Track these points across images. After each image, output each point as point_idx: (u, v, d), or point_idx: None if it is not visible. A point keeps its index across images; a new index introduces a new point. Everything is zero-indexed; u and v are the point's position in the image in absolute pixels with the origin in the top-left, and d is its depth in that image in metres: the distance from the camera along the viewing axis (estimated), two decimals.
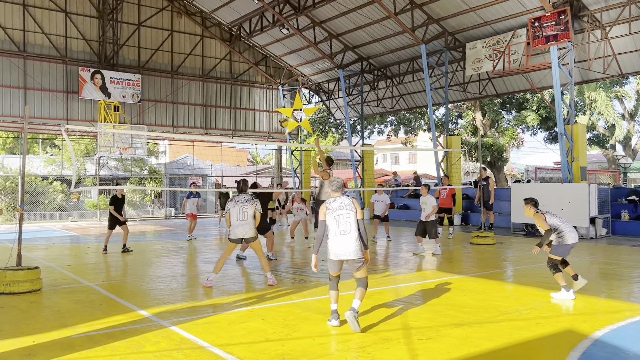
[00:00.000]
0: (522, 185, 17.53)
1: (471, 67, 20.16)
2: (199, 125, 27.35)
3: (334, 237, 5.81)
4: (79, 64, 23.78)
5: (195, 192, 16.28)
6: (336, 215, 5.81)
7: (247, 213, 8.23)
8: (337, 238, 5.78)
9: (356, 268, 5.78)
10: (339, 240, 5.77)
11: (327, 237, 5.89)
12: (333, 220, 5.82)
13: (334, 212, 5.82)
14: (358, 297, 5.77)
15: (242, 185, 8.63)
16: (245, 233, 8.22)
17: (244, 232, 8.21)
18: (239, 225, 8.21)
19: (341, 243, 5.75)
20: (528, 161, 51.18)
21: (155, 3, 26.02)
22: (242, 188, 8.59)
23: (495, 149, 32.32)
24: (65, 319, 6.25)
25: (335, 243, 5.79)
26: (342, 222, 5.77)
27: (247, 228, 8.21)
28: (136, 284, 8.71)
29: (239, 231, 8.22)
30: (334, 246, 5.80)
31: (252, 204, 8.31)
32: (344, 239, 5.73)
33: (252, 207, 8.27)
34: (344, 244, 5.73)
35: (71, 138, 29.02)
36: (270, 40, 26.59)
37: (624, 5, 16.46)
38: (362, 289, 5.81)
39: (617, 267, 9.91)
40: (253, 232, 8.28)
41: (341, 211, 5.81)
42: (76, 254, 12.82)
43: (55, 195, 28.48)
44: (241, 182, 8.66)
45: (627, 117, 35.33)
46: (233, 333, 5.64)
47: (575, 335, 5.53)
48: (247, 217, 8.23)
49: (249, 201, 8.31)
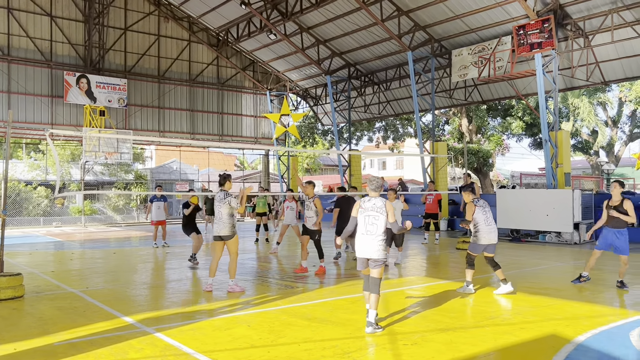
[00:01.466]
0: (507, 191, 17.68)
1: (457, 73, 20.34)
2: (186, 130, 27.25)
3: (360, 236, 6.03)
4: (64, 68, 23.59)
5: (160, 196, 15.01)
6: (366, 215, 6.02)
7: (221, 212, 8.19)
8: (363, 237, 5.99)
9: (373, 266, 5.97)
10: (364, 240, 5.99)
11: (356, 235, 6.13)
12: (362, 220, 6.04)
13: (365, 212, 6.03)
14: (372, 306, 5.90)
15: (221, 179, 8.47)
16: (220, 230, 8.18)
17: (218, 230, 8.21)
18: (216, 223, 8.29)
19: (366, 242, 5.97)
20: (513, 167, 51.73)
21: (142, 8, 25.93)
22: (221, 182, 8.43)
23: (481, 155, 32.58)
24: (47, 326, 6.17)
25: (361, 241, 6.02)
26: (370, 223, 5.97)
27: (221, 226, 8.17)
28: (121, 290, 8.63)
29: (216, 228, 8.26)
30: (359, 244, 6.04)
31: (225, 202, 8.15)
32: (369, 239, 5.95)
33: (225, 206, 8.15)
34: (368, 244, 5.95)
35: (56, 143, 28.74)
36: (258, 46, 26.61)
37: (606, 14, 16.74)
38: (375, 296, 5.90)
39: (600, 272, 10.02)
40: (228, 230, 8.17)
41: (372, 212, 6.00)
42: (60, 260, 12.67)
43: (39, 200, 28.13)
44: (220, 177, 8.53)
45: (609, 124, 35.85)
46: (218, 339, 5.60)
47: (558, 339, 5.58)
48: (222, 215, 8.17)
49: (223, 199, 8.20)
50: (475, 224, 7.85)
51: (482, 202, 7.99)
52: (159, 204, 14.80)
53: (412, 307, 7.09)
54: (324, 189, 41.11)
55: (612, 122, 35.95)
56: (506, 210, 16.47)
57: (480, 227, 7.82)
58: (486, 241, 7.82)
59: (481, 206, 7.91)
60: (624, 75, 19.15)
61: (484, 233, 7.81)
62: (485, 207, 7.96)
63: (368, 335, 5.72)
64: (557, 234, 15.65)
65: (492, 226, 7.91)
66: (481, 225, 7.82)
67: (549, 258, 12.36)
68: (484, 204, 8.00)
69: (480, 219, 7.83)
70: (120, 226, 25.36)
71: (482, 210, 7.87)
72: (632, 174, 36.51)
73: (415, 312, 6.80)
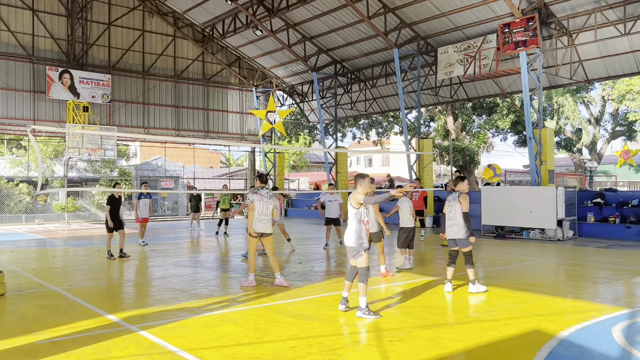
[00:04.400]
0: (492, 188, 17.82)
1: (443, 71, 20.43)
2: (170, 126, 27.03)
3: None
4: (46, 63, 23.24)
5: (146, 193, 14.98)
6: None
7: (269, 209, 8.24)
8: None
9: (352, 255, 6.55)
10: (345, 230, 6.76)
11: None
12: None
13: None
14: (361, 293, 6.41)
15: (265, 177, 8.65)
16: (266, 228, 8.23)
17: (263, 227, 8.20)
18: (261, 220, 8.19)
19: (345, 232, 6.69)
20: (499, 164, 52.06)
21: (127, 2, 25.63)
22: (265, 180, 8.55)
23: (467, 153, 32.80)
24: (29, 325, 6.07)
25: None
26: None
27: (267, 224, 8.24)
28: (104, 288, 8.53)
29: (260, 226, 8.19)
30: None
31: (273, 200, 8.35)
32: (347, 229, 6.62)
33: (272, 203, 8.32)
34: (346, 233, 6.60)
35: (39, 139, 28.33)
36: (244, 42, 26.46)
37: (589, 13, 16.92)
38: (362, 284, 6.41)
39: (583, 268, 10.15)
40: (270, 228, 8.33)
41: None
42: (43, 257, 12.49)
43: (21, 197, 27.71)
44: (263, 176, 8.69)
45: (592, 122, 36.32)
46: (203, 337, 5.56)
47: (542, 335, 5.64)
48: (269, 212, 8.26)
49: (271, 197, 8.32)
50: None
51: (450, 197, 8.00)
52: (146, 201, 14.72)
53: (397, 304, 7.12)
54: (310, 186, 41.10)
55: (595, 120, 36.43)
56: (491, 207, 16.60)
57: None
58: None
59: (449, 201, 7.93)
60: (607, 74, 19.39)
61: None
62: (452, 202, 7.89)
63: (346, 335, 5.70)
64: (541, 230, 15.82)
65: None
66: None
67: (533, 254, 12.49)
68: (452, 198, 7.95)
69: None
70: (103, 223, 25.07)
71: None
72: (614, 171, 37.05)
73: (401, 309, 6.82)
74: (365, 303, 6.37)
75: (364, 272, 6.46)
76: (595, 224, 16.64)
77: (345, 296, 6.61)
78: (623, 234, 15.78)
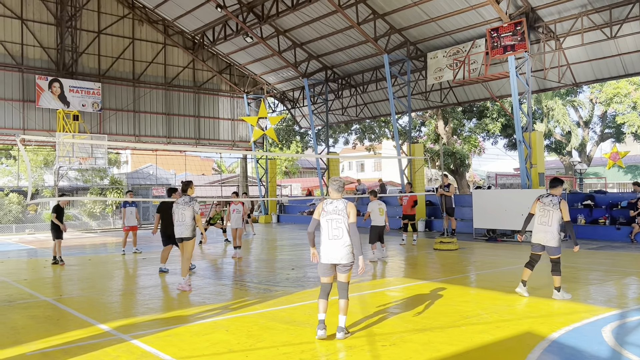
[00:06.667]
0: (483, 191, 17.92)
1: (432, 76, 20.56)
2: (161, 134, 26.97)
3: (327, 241, 5.79)
4: (36, 72, 23.14)
5: (131, 201, 15.03)
6: (329, 219, 5.78)
7: (185, 215, 8.76)
8: (330, 242, 5.76)
9: (342, 271, 5.76)
10: (331, 245, 5.75)
11: (321, 240, 5.86)
12: (326, 224, 5.80)
13: (327, 215, 5.79)
14: (342, 311, 5.73)
15: (184, 186, 9.08)
16: (182, 232, 8.79)
17: (181, 232, 8.79)
18: (178, 226, 8.82)
19: (333, 247, 5.74)
20: (490, 168, 52.44)
21: (116, 11, 25.60)
22: (184, 188, 9.03)
23: (458, 157, 32.96)
24: (20, 336, 6.03)
25: (328, 247, 5.77)
26: (335, 227, 5.75)
27: (183, 228, 8.79)
28: (96, 297, 8.49)
29: (178, 230, 8.81)
30: (326, 250, 5.78)
31: (190, 205, 8.79)
32: (336, 244, 5.73)
33: (189, 209, 8.77)
34: (335, 249, 5.73)
35: (29, 148, 28.16)
36: (234, 49, 26.50)
37: (576, 17, 17.11)
38: (344, 301, 5.74)
39: (574, 269, 10.23)
40: (190, 232, 8.79)
41: (334, 216, 5.77)
42: (33, 267, 12.40)
43: (11, 207, 27.49)
44: (184, 183, 9.13)
45: (582, 124, 36.65)
46: (196, 345, 5.55)
47: (533, 337, 5.68)
48: (186, 218, 8.77)
49: (187, 203, 8.81)
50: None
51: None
52: (132, 210, 14.77)
53: (390, 308, 7.13)
54: (302, 192, 41.11)
55: (584, 123, 36.76)
56: (482, 210, 16.68)
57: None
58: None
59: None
60: (594, 77, 19.60)
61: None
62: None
63: (339, 340, 5.62)
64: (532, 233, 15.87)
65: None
66: None
67: (524, 257, 12.48)
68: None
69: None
70: (95, 232, 24.94)
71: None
72: (604, 173, 37.39)
73: (393, 313, 6.84)
74: (345, 321, 5.77)
75: (348, 288, 5.84)
76: (585, 225, 16.75)
77: (322, 319, 5.72)
78: (613, 236, 15.91)
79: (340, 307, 5.74)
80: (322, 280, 5.87)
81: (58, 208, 12.75)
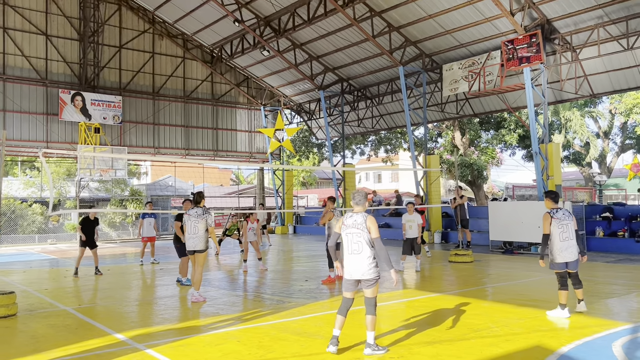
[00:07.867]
0: (499, 203, 17.84)
1: (448, 87, 20.60)
2: (180, 146, 27.38)
3: (347, 256, 5.75)
4: (59, 86, 23.74)
5: (150, 213, 15.45)
6: (348, 233, 5.75)
7: (198, 227, 8.76)
8: (350, 257, 5.71)
9: (367, 286, 5.66)
10: (352, 260, 5.70)
11: (342, 255, 5.84)
12: (345, 238, 5.77)
13: (347, 229, 5.76)
14: (369, 327, 5.64)
15: (197, 197, 9.07)
16: (196, 245, 8.76)
17: (194, 245, 8.77)
18: (190, 238, 8.80)
19: (354, 262, 5.67)
20: (509, 179, 51.85)
21: (137, 26, 26.19)
22: (197, 200, 9.01)
23: (476, 168, 32.79)
24: (40, 344, 6.23)
25: (349, 262, 5.72)
26: (354, 241, 5.68)
27: (196, 241, 8.76)
28: (113, 307, 8.69)
29: (191, 243, 8.78)
30: (348, 265, 5.73)
31: (203, 218, 8.78)
32: (356, 259, 5.65)
33: (202, 222, 8.76)
34: (356, 263, 5.65)
35: (52, 160, 28.81)
36: (252, 62, 26.87)
37: (592, 29, 17.04)
38: (372, 317, 5.64)
39: (591, 283, 10.13)
40: (203, 244, 8.80)
41: (353, 230, 5.71)
42: (54, 277, 12.70)
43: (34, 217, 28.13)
44: (196, 194, 9.12)
45: (601, 135, 36.18)
46: (208, 355, 5.68)
47: (543, 351, 5.69)
48: (199, 231, 8.77)
49: (200, 215, 8.79)
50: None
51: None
52: (150, 220, 15.10)
53: (400, 320, 7.18)
54: (319, 203, 41.20)
55: (604, 133, 36.30)
56: (498, 222, 16.59)
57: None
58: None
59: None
60: (612, 88, 19.41)
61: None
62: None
63: (350, 353, 5.65)
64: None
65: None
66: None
67: (541, 270, 12.40)
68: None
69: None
70: (115, 242, 25.35)
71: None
72: (624, 184, 36.80)
73: (403, 325, 6.89)
74: (374, 337, 5.68)
75: (375, 303, 5.72)
76: (604, 238, 16.55)
77: (336, 335, 5.66)
78: (632, 248, 15.67)
79: (367, 323, 5.65)
80: (344, 295, 5.80)
81: (85, 220, 12.85)
